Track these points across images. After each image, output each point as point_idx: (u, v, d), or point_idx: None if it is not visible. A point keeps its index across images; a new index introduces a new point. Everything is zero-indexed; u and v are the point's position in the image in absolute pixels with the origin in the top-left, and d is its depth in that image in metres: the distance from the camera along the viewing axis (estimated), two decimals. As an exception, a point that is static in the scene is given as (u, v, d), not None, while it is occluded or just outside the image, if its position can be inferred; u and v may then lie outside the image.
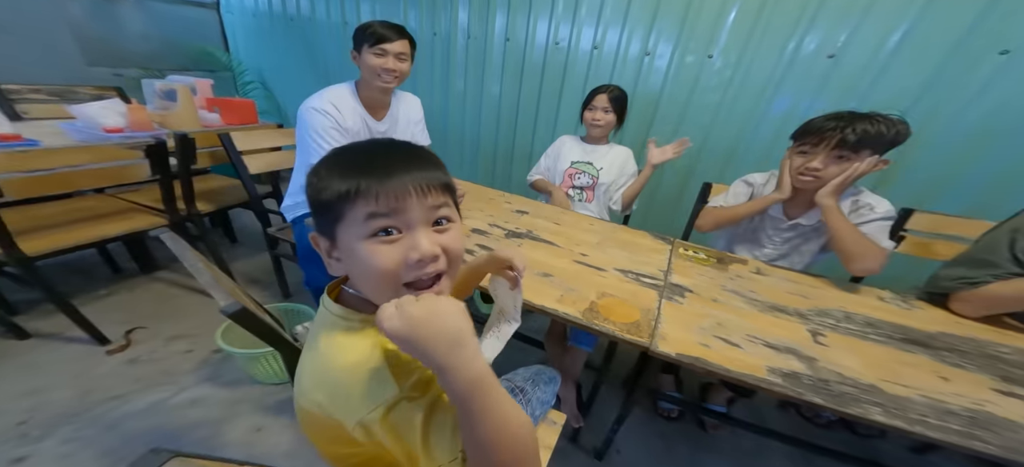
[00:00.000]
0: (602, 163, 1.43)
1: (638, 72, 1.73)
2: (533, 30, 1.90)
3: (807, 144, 0.96)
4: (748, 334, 0.76)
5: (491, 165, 2.33)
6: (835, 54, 1.39)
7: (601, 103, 1.37)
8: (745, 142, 1.65)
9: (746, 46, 1.52)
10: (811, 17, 1.39)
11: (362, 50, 1.08)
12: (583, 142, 1.49)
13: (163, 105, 1.41)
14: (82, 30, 2.11)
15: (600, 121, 1.37)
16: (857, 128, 0.86)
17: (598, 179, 1.42)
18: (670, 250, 1.10)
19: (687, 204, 1.72)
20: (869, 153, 0.89)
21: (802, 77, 1.47)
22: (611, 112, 1.37)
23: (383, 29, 1.07)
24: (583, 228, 1.19)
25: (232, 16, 2.81)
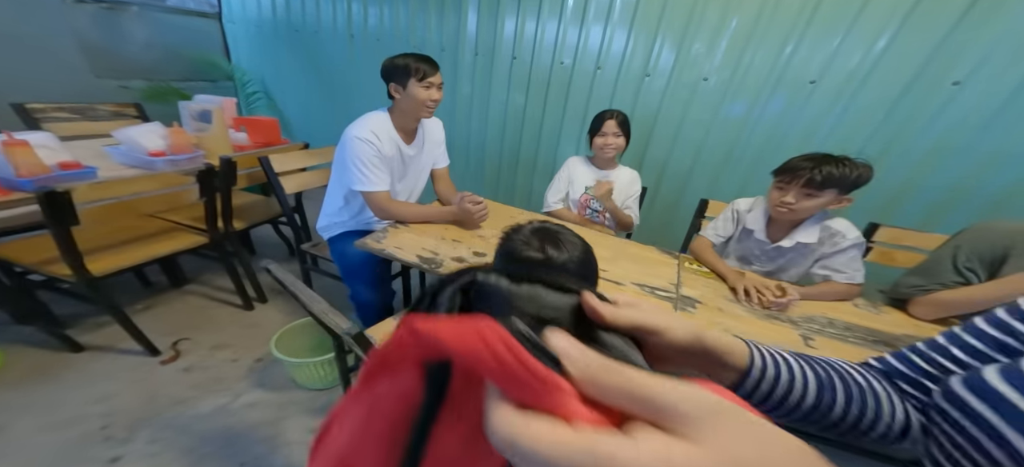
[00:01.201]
0: (614, 188, 1.51)
1: (637, 92, 1.89)
2: (539, 48, 2.03)
3: (783, 180, 1.11)
4: (751, 339, 0.91)
5: (496, 174, 2.46)
6: (816, 81, 1.58)
7: (611, 129, 1.43)
8: (734, 158, 1.83)
9: (736, 70, 1.69)
10: (795, 45, 1.56)
11: (408, 84, 1.18)
12: (592, 165, 1.56)
13: (198, 126, 1.48)
14: (88, 41, 2.13)
15: (611, 145, 1.44)
16: (824, 170, 1.02)
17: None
18: (677, 264, 1.24)
19: (683, 214, 1.89)
20: (833, 191, 1.04)
21: (787, 100, 1.66)
22: (621, 136, 1.45)
23: (424, 63, 1.18)
24: (597, 244, 1.31)
25: (234, 26, 2.82)
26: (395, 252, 1.10)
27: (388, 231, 1.20)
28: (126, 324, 1.27)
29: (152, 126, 1.34)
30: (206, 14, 2.75)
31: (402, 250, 1.12)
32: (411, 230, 1.23)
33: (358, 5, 2.35)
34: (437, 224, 1.30)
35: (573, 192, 1.57)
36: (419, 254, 1.11)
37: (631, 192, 1.56)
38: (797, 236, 1.15)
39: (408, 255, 1.10)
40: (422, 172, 1.44)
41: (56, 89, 1.91)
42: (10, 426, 1.09)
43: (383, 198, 1.23)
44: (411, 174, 1.39)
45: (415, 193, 1.47)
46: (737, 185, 1.83)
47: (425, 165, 1.42)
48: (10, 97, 1.54)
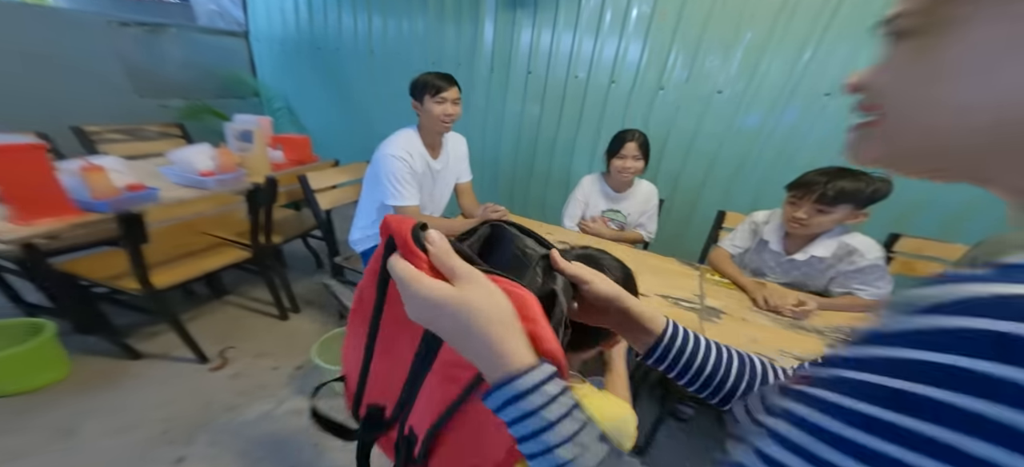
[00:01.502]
0: (629, 208, 1.56)
1: (651, 104, 1.94)
2: (553, 62, 2.09)
3: (796, 195, 1.13)
4: (779, 348, 0.92)
5: (511, 186, 2.52)
6: (831, 93, 1.61)
7: (631, 151, 1.41)
8: (748, 170, 1.87)
9: (750, 83, 1.73)
10: (811, 54, 1.59)
11: (424, 100, 1.28)
12: (607, 187, 1.56)
13: (241, 146, 1.57)
14: (132, 64, 2.26)
15: (631, 169, 1.43)
16: (836, 185, 1.03)
17: (626, 223, 1.59)
18: (699, 276, 1.28)
19: (698, 224, 1.92)
20: (847, 206, 1.05)
21: (802, 112, 1.69)
22: (640, 159, 1.43)
23: (439, 80, 1.27)
24: (618, 255, 1.39)
25: (260, 44, 2.95)
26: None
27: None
28: (182, 333, 1.36)
29: (202, 147, 1.43)
30: (234, 33, 2.88)
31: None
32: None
33: (378, 21, 2.44)
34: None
35: (589, 213, 1.62)
36: None
37: (648, 207, 1.58)
38: (811, 250, 1.17)
39: None
40: (447, 186, 1.53)
41: (104, 110, 2.04)
42: (79, 429, 1.18)
43: (414, 212, 1.31)
44: (438, 188, 1.47)
45: (440, 206, 1.56)
46: (750, 196, 1.87)
47: (450, 179, 1.51)
48: (66, 119, 1.66)
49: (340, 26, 2.57)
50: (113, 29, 2.11)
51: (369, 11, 2.44)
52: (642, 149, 1.43)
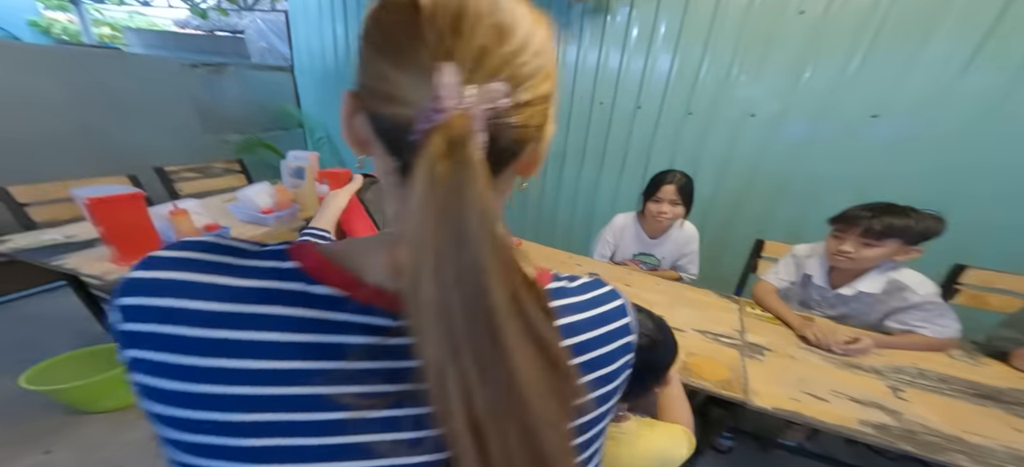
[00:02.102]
0: (664, 252, 1.49)
1: (679, 130, 1.92)
2: (578, 86, 2.12)
3: (840, 229, 1.09)
4: (832, 389, 0.87)
5: (537, 214, 2.56)
6: (879, 115, 1.53)
7: (668, 195, 1.31)
8: (785, 196, 1.82)
9: (787, 105, 1.68)
10: (856, 69, 1.52)
11: None
12: (641, 229, 1.48)
13: (293, 183, 1.72)
14: (200, 103, 2.52)
15: (667, 214, 1.33)
16: (884, 220, 0.99)
17: (659, 266, 1.54)
18: (738, 309, 1.24)
19: (732, 253, 1.87)
20: (896, 241, 1.00)
21: (844, 134, 1.62)
22: (678, 205, 1.33)
23: None
24: (651, 288, 1.37)
25: (304, 76, 3.19)
26: None
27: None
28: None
29: (262, 186, 1.59)
30: (281, 68, 3.14)
31: None
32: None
33: None
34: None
35: (619, 255, 1.58)
36: None
37: (687, 251, 1.48)
38: (859, 285, 1.12)
39: None
40: None
41: (178, 148, 2.29)
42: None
43: None
44: None
45: None
46: (787, 224, 1.82)
47: None
48: (148, 159, 1.88)
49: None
50: (185, 71, 2.37)
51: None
52: (682, 193, 1.33)
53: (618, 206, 2.18)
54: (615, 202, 2.22)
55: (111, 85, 2.02)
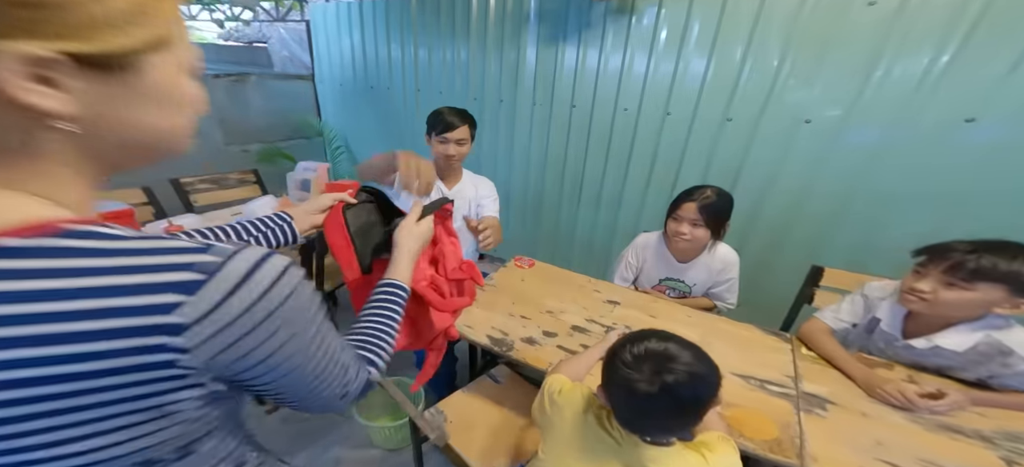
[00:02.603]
0: (695, 278, 1.32)
1: (716, 139, 1.72)
2: (600, 95, 1.96)
3: (924, 262, 0.90)
4: (921, 458, 0.71)
5: (553, 233, 2.41)
6: (975, 118, 1.27)
7: (688, 214, 1.14)
8: (847, 217, 1.56)
9: (853, 107, 1.42)
10: (940, 73, 1.28)
11: (431, 136, 1.29)
12: (667, 251, 1.32)
13: (299, 196, 1.69)
14: (223, 113, 2.58)
15: (686, 236, 1.15)
16: (982, 259, 0.78)
17: (690, 293, 1.37)
18: (791, 349, 1.05)
19: (780, 279, 1.64)
20: (999, 287, 0.79)
21: (928, 144, 1.35)
22: (701, 226, 1.14)
23: (448, 116, 1.26)
24: (681, 320, 1.21)
25: (324, 85, 3.22)
26: (466, 331, 1.13)
27: (460, 307, 1.24)
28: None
29: (267, 200, 1.57)
30: (302, 77, 3.19)
31: (473, 329, 1.14)
32: (480, 305, 1.25)
33: (424, 55, 2.49)
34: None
35: (643, 281, 1.42)
36: (489, 334, 1.12)
37: (723, 278, 1.30)
38: (939, 339, 0.90)
39: (478, 335, 1.11)
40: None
41: (200, 158, 2.35)
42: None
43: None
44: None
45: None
46: (847, 250, 1.57)
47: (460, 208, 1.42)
48: (170, 169, 1.93)
49: (390, 66, 2.70)
50: (208, 82, 2.43)
51: (415, 48, 2.53)
52: (706, 212, 1.12)
53: (643, 223, 2.01)
54: (640, 218, 2.04)
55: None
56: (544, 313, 1.23)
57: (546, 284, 1.39)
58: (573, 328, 1.16)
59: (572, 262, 2.35)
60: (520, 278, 1.42)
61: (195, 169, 1.99)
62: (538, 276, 1.45)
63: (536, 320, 1.20)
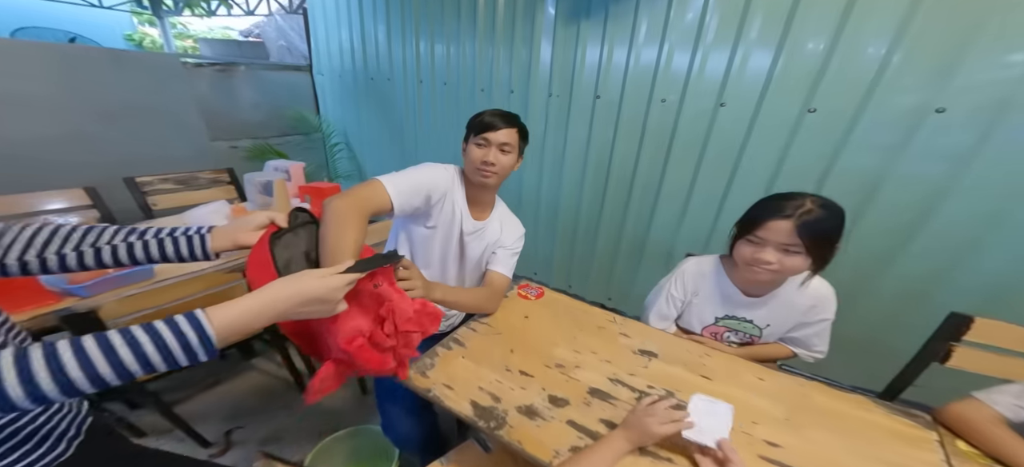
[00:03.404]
0: (767, 319, 0.98)
1: (791, 137, 1.32)
2: (632, 81, 1.60)
3: None
4: None
5: (569, 252, 2.04)
6: None
7: (776, 235, 0.78)
8: (989, 238, 1.12)
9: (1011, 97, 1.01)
10: None
11: (468, 140, 0.98)
12: (728, 281, 0.99)
13: (263, 200, 1.42)
14: (207, 106, 2.35)
15: (773, 265, 0.81)
16: None
17: (760, 336, 1.01)
18: (938, 443, 0.70)
19: (886, 326, 1.21)
20: None
21: None
22: (796, 253, 0.79)
23: (490, 117, 0.95)
24: (748, 385, 0.85)
25: (322, 77, 2.99)
26: (443, 395, 0.80)
27: (438, 356, 0.91)
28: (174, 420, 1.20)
29: (216, 206, 1.29)
30: (299, 68, 2.96)
31: (454, 390, 0.81)
32: (468, 355, 0.92)
33: (425, 46, 2.23)
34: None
35: (692, 319, 1.06)
36: (475, 399, 0.79)
37: (812, 320, 0.95)
38: None
39: (460, 401, 0.79)
40: (472, 261, 1.08)
41: (176, 154, 2.14)
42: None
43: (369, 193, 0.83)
44: (459, 253, 1.07)
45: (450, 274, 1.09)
46: (985, 289, 1.13)
47: (478, 252, 1.08)
48: (145, 168, 1.71)
49: (390, 55, 2.43)
50: (189, 72, 2.22)
51: (417, 36, 2.24)
52: (807, 234, 0.76)
53: (682, 242, 1.62)
54: (677, 235, 1.66)
55: (105, 86, 1.87)
56: (552, 368, 0.89)
57: (557, 323, 1.05)
58: (591, 392, 0.82)
59: (588, 291, 1.99)
60: (523, 314, 1.08)
61: (174, 168, 1.76)
62: (547, 311, 1.11)
63: (540, 378, 0.86)
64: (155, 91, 2.03)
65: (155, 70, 2.02)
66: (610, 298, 2.00)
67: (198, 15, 7.82)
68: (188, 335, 0.42)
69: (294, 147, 2.81)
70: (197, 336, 0.42)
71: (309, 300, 0.50)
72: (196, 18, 8.41)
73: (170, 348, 0.41)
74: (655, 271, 1.75)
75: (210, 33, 8.81)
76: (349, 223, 0.73)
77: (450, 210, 0.99)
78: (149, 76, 2.00)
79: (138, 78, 1.96)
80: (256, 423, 1.41)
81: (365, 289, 0.62)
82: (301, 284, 0.50)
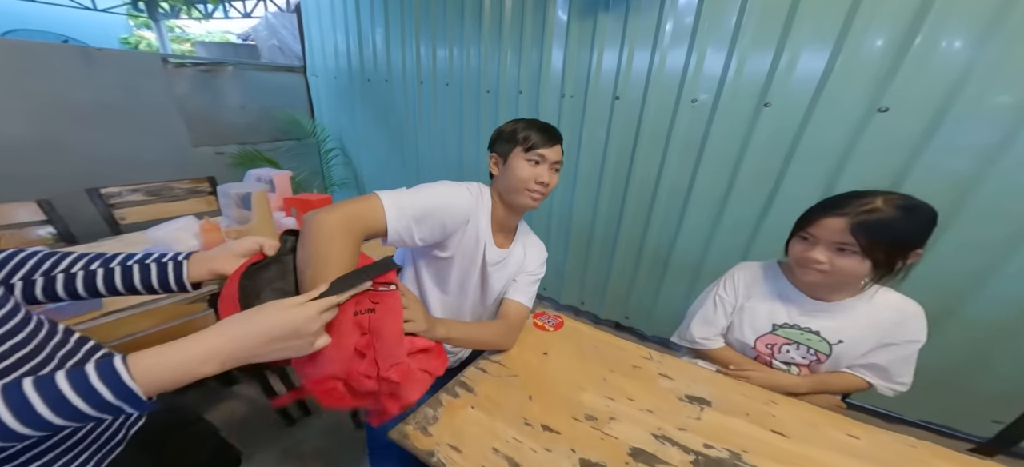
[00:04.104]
0: (840, 331, 0.81)
1: (858, 134, 1.14)
2: (656, 79, 1.44)
3: None
4: None
5: (582, 266, 1.87)
6: None
7: (829, 233, 0.70)
8: None
9: None
10: None
11: (510, 153, 0.80)
12: (788, 283, 0.86)
13: (240, 215, 1.25)
14: (189, 109, 2.19)
15: (823, 265, 0.72)
16: None
17: (829, 354, 0.84)
18: None
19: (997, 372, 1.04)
20: None
21: None
22: (851, 254, 0.69)
23: (540, 130, 0.79)
24: (838, 445, 0.68)
25: (317, 79, 2.84)
26: (448, 460, 0.64)
27: (442, 406, 0.74)
28: None
29: (184, 223, 1.12)
30: (292, 68, 2.81)
31: (462, 453, 0.65)
32: (477, 405, 0.75)
33: (426, 49, 2.08)
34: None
35: (744, 331, 0.90)
36: (488, 465, 0.63)
37: (894, 341, 0.80)
38: None
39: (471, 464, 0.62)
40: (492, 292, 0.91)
41: (156, 162, 1.97)
42: None
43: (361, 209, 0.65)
44: (480, 282, 0.91)
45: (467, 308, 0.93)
46: None
47: (500, 283, 0.92)
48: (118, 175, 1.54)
49: (389, 54, 2.28)
50: (169, 72, 2.06)
51: (417, 34, 2.09)
52: (864, 233, 0.66)
53: (713, 257, 1.46)
54: (708, 249, 1.49)
55: (72, 86, 1.71)
56: (581, 420, 0.73)
57: (582, 361, 0.89)
58: (634, 454, 0.66)
59: (603, 307, 1.82)
60: (541, 349, 0.92)
61: (150, 176, 1.58)
62: (569, 345, 0.94)
63: (568, 436, 0.70)
64: (130, 92, 1.87)
65: (131, 69, 1.86)
66: (627, 317, 1.83)
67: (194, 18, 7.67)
68: (100, 391, 0.34)
69: (285, 153, 2.65)
70: (113, 391, 0.35)
71: (274, 337, 0.42)
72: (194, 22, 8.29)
73: (76, 407, 0.34)
74: (680, 288, 1.59)
75: (209, 37, 8.67)
76: (334, 239, 0.57)
77: (473, 238, 0.82)
78: (124, 76, 1.84)
79: (111, 77, 1.80)
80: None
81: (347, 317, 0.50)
82: (262, 320, 0.42)
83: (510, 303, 0.90)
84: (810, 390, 0.86)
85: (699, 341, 0.94)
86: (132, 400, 0.36)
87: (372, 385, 0.50)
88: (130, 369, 0.36)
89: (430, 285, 0.87)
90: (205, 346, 0.39)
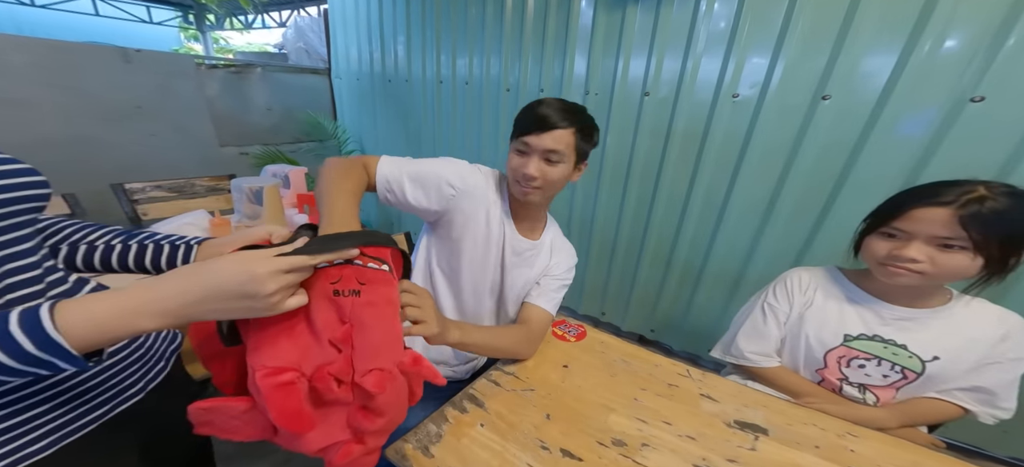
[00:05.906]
0: (938, 347, 0.67)
1: (946, 127, 0.98)
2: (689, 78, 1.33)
3: None
4: None
5: (604, 273, 1.74)
6: None
7: (931, 225, 0.58)
8: None
9: None
10: None
11: (510, 145, 0.75)
12: (858, 288, 0.73)
13: (252, 211, 1.22)
14: (217, 110, 2.24)
15: (922, 262, 0.60)
16: None
17: (921, 373, 0.69)
18: None
19: None
20: None
21: None
22: (961, 249, 0.57)
23: (542, 111, 0.68)
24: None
25: (340, 81, 2.87)
26: None
27: (447, 423, 0.65)
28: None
29: (195, 217, 1.10)
30: (316, 71, 2.86)
31: None
32: (488, 424, 0.66)
33: (446, 49, 2.05)
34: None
35: (813, 338, 0.75)
36: None
37: (1003, 357, 0.65)
38: None
39: None
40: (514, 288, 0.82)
41: (182, 161, 2.02)
42: None
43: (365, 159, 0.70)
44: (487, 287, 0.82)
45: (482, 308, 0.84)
46: None
47: (522, 280, 0.83)
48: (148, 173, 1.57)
49: (409, 56, 2.27)
50: (200, 73, 2.12)
51: (438, 36, 2.06)
52: (979, 227, 0.55)
53: (757, 268, 1.31)
54: (750, 259, 1.35)
55: (111, 87, 1.78)
56: (608, 446, 0.63)
57: (609, 376, 0.78)
58: None
59: (627, 314, 1.69)
60: (561, 361, 0.82)
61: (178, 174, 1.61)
62: (593, 358, 0.83)
63: (591, 464, 0.61)
64: (163, 92, 1.93)
65: (165, 70, 1.92)
66: (652, 330, 1.69)
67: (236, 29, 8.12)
68: (19, 340, 0.29)
69: (307, 154, 2.68)
70: (34, 341, 0.30)
71: (224, 293, 0.34)
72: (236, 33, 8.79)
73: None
74: (716, 301, 1.44)
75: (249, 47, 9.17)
76: (349, 173, 0.62)
77: (484, 220, 0.75)
78: (158, 76, 1.90)
79: (147, 78, 1.86)
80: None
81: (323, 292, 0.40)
82: (209, 271, 0.35)
83: (532, 308, 0.80)
84: (901, 425, 0.71)
85: (749, 357, 0.81)
86: (61, 353, 0.31)
87: (342, 394, 0.38)
88: (55, 318, 0.30)
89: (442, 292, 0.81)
90: (137, 297, 0.33)
